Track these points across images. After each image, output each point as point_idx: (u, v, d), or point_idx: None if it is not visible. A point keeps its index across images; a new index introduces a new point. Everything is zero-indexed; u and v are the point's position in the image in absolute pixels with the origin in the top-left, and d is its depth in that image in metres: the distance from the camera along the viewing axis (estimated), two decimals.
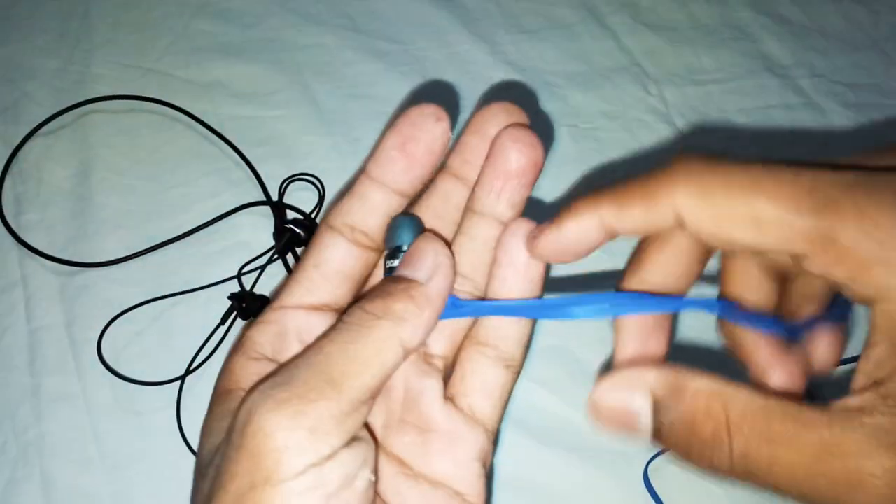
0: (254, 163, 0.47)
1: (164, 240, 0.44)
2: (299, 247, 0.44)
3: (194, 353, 0.41)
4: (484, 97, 0.51)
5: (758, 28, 0.56)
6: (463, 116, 0.50)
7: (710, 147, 0.51)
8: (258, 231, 0.45)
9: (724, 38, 0.55)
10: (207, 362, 0.41)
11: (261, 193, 0.46)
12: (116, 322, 0.42)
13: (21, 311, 0.42)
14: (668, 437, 0.19)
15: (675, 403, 0.19)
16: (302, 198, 0.46)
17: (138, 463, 0.39)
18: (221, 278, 0.43)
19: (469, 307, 0.23)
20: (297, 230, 0.43)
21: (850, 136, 0.51)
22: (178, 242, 0.44)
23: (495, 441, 0.24)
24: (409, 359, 0.23)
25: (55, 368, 0.41)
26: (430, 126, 0.22)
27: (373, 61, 0.52)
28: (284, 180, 0.46)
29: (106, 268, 0.43)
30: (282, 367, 0.21)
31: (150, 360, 0.41)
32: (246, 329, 0.23)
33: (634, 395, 0.20)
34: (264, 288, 0.43)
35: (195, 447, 0.39)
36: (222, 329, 0.42)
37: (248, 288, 0.42)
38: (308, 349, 0.21)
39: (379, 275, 0.24)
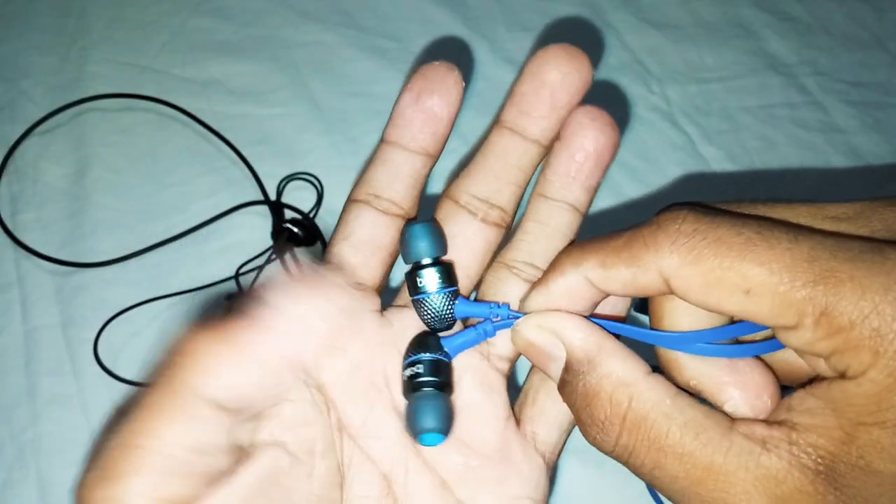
0: (251, 162, 0.46)
1: (161, 240, 0.43)
2: (298, 246, 0.44)
3: None
4: (484, 94, 0.51)
5: (761, 26, 0.55)
6: (462, 113, 0.49)
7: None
8: (256, 231, 0.44)
9: (727, 35, 0.55)
10: None
11: (259, 193, 0.45)
12: (113, 323, 0.41)
13: (17, 311, 0.42)
14: (567, 396, 0.19)
15: (586, 373, 0.19)
16: (300, 197, 0.46)
17: None
18: (219, 279, 0.42)
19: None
20: (296, 230, 0.42)
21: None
22: (176, 242, 0.43)
23: (553, 477, 0.22)
24: (471, 361, 0.21)
25: (51, 369, 0.40)
26: (442, 76, 0.21)
27: (372, 59, 0.51)
28: (282, 179, 0.46)
29: (102, 268, 0.43)
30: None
31: (147, 361, 0.41)
32: None
33: (557, 343, 0.19)
34: None
35: None
36: None
37: (245, 289, 0.42)
38: None
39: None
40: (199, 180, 0.46)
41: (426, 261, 0.21)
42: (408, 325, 0.22)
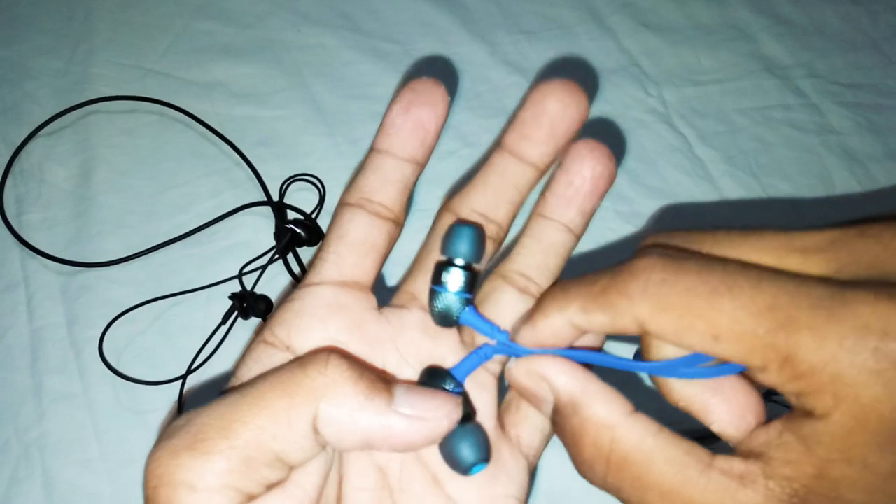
0: (254, 163, 0.47)
1: (165, 240, 0.44)
2: (300, 247, 0.44)
3: (195, 352, 0.41)
4: (483, 97, 0.51)
5: (757, 28, 0.56)
6: (462, 115, 0.50)
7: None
8: (259, 231, 0.45)
9: (724, 38, 0.55)
10: (208, 362, 0.41)
11: (261, 193, 0.46)
12: (118, 322, 0.42)
13: (23, 310, 0.42)
14: (559, 434, 0.20)
15: (570, 416, 0.20)
16: (302, 198, 0.46)
17: (139, 462, 0.39)
18: (222, 278, 0.43)
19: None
20: (298, 230, 0.43)
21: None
22: (179, 242, 0.44)
23: (532, 479, 0.23)
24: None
25: (57, 368, 0.41)
26: (430, 90, 0.22)
27: (373, 61, 0.52)
28: (285, 180, 0.46)
29: (107, 268, 0.43)
30: (215, 403, 0.19)
31: (151, 359, 0.41)
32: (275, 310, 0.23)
33: (545, 387, 0.20)
34: (265, 288, 0.43)
35: None
36: (223, 329, 0.42)
37: (248, 288, 0.43)
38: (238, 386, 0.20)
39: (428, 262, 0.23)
40: (202, 181, 0.47)
41: (460, 262, 0.22)
42: (405, 323, 0.23)
